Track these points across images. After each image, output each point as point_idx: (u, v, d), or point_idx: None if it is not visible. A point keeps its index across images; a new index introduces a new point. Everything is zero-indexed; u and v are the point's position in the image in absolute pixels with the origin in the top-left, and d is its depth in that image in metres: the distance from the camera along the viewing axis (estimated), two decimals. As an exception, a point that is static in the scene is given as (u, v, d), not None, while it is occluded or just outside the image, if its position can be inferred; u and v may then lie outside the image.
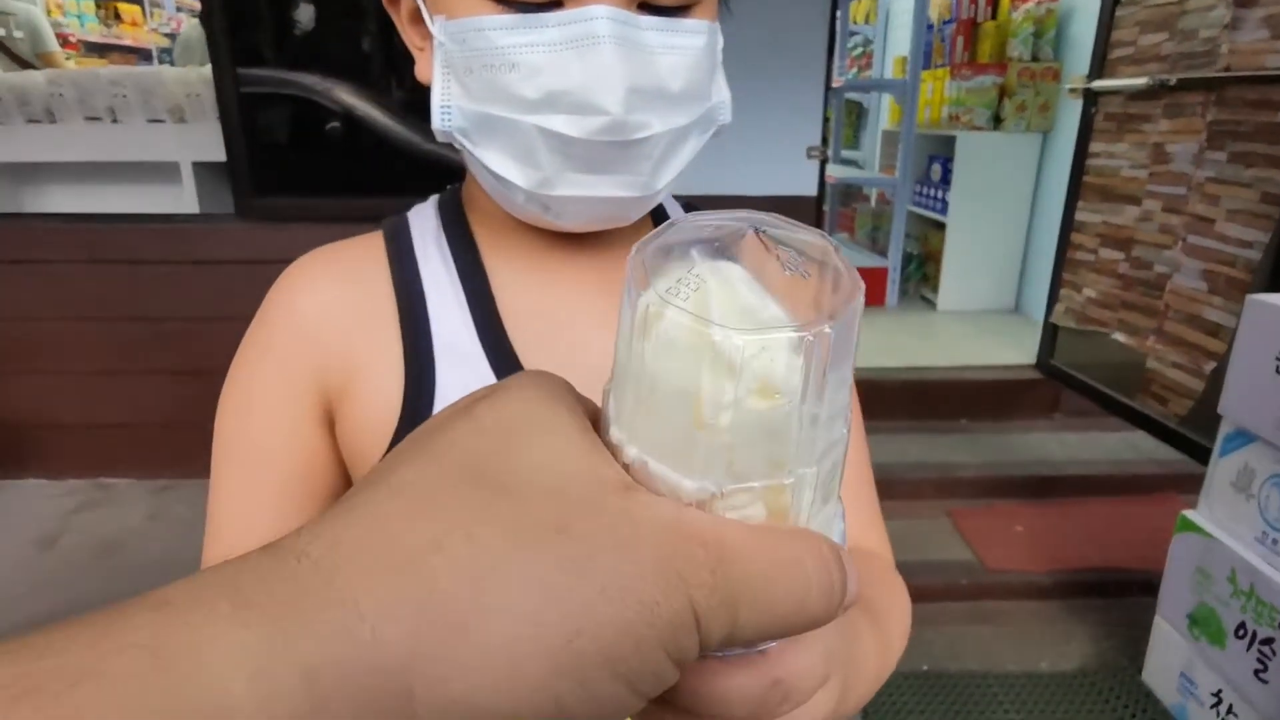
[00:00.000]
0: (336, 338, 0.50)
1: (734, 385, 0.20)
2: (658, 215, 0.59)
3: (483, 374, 0.49)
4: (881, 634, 0.43)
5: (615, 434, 0.22)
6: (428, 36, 0.47)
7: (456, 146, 0.49)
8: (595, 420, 0.24)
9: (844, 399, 0.22)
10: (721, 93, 0.52)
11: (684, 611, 0.19)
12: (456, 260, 0.53)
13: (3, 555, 2.30)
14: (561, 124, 0.43)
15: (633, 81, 0.43)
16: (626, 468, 0.22)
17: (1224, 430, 1.55)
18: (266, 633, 0.16)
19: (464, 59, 0.45)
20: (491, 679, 0.17)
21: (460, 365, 0.50)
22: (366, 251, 0.54)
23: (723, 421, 0.20)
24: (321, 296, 0.51)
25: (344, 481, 0.53)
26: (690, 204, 0.62)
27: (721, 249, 0.22)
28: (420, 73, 0.49)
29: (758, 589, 0.20)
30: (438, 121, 0.47)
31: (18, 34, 3.07)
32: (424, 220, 0.56)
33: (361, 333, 0.51)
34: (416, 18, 0.49)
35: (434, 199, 0.58)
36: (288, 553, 0.18)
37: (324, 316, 0.51)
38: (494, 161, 0.47)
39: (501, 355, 0.50)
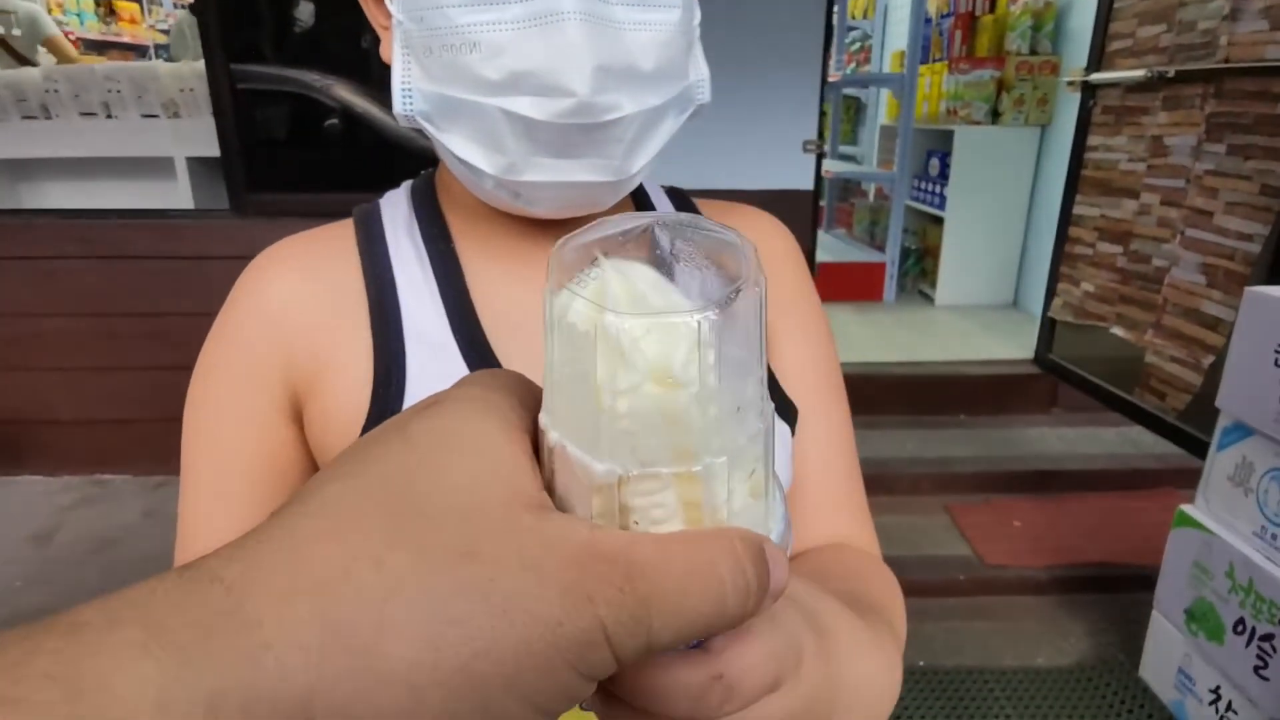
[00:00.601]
0: (303, 329, 0.49)
1: (627, 371, 0.20)
2: (640, 200, 0.58)
3: (454, 364, 0.48)
4: (883, 631, 0.41)
5: (543, 419, 0.23)
6: (391, 15, 0.46)
7: (420, 130, 0.47)
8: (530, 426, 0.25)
9: (751, 392, 0.23)
10: (700, 70, 0.49)
11: (591, 629, 0.19)
12: (428, 248, 0.51)
13: (1, 550, 2.30)
14: (526, 106, 0.41)
15: (600, 60, 0.41)
16: (550, 451, 0.23)
17: (1222, 424, 1.54)
18: (173, 661, 0.16)
19: (423, 39, 0.43)
20: (392, 705, 0.18)
21: (432, 356, 0.48)
22: (336, 240, 0.52)
23: (621, 407, 0.21)
24: (288, 287, 0.50)
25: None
26: (676, 190, 0.61)
27: (628, 245, 0.23)
28: (385, 52, 0.48)
29: (670, 599, 0.20)
30: (399, 105, 0.46)
31: (16, 31, 3.06)
32: (395, 207, 0.54)
33: (330, 323, 0.49)
34: None
35: (407, 184, 0.56)
36: (204, 575, 0.19)
37: (290, 307, 0.49)
38: (459, 146, 0.45)
39: (474, 345, 0.49)
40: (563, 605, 0.19)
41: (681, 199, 0.60)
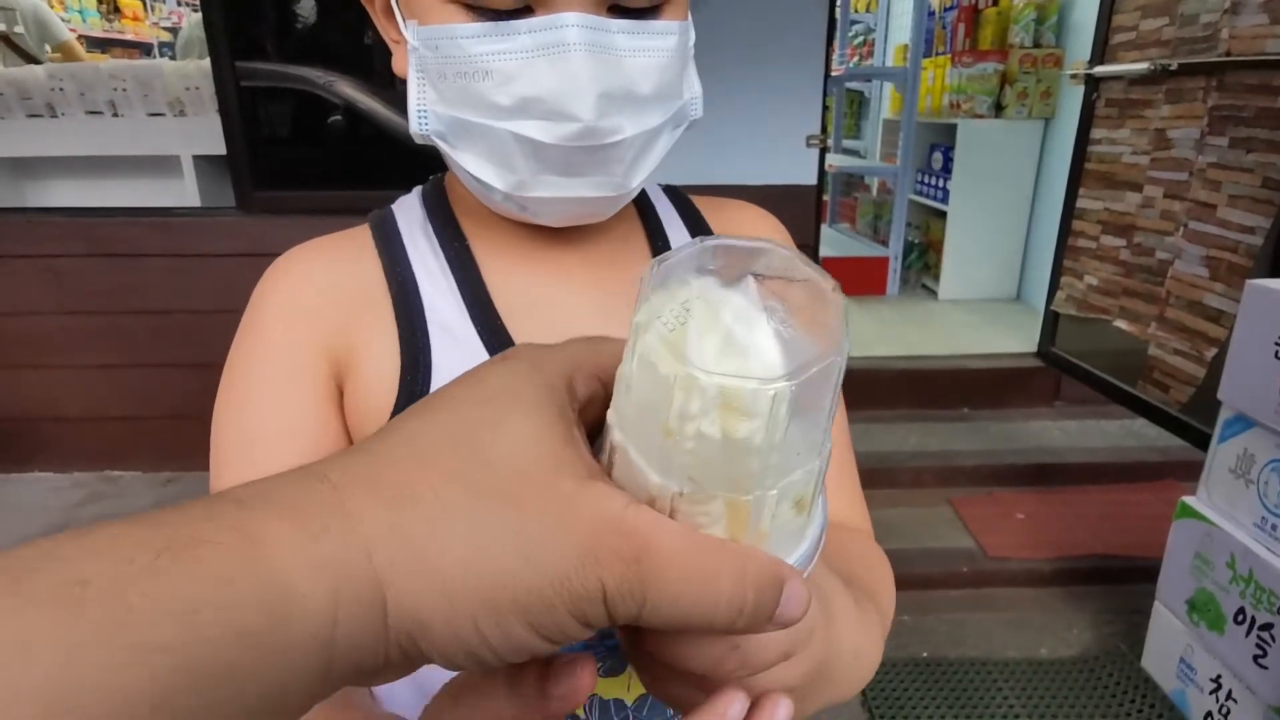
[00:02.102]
0: (335, 318, 0.51)
1: (697, 415, 0.22)
2: (642, 204, 0.60)
3: (478, 354, 0.50)
4: (871, 613, 0.44)
5: (610, 415, 0.25)
6: (403, 32, 0.48)
7: (435, 148, 0.50)
8: (590, 394, 0.27)
9: (816, 437, 0.24)
10: (693, 88, 0.52)
11: (593, 590, 0.22)
12: (444, 247, 0.53)
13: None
14: (535, 130, 0.44)
15: (604, 87, 0.44)
16: (613, 448, 0.25)
17: (1223, 416, 1.55)
18: (308, 532, 0.22)
19: (438, 65, 0.46)
20: (432, 603, 0.22)
21: (455, 347, 0.50)
22: (353, 242, 0.54)
23: (687, 442, 0.22)
24: (316, 281, 0.52)
25: None
26: (673, 189, 0.63)
27: (720, 268, 0.25)
28: (397, 66, 0.50)
29: (667, 590, 0.23)
30: (415, 125, 0.48)
31: (18, 29, 3.08)
32: (409, 211, 0.56)
33: (357, 315, 0.51)
34: (390, 12, 0.49)
35: (416, 190, 0.58)
36: (315, 475, 0.23)
37: (322, 298, 0.51)
38: (471, 164, 0.48)
39: (494, 335, 0.51)
40: (574, 564, 0.22)
41: (678, 197, 0.62)
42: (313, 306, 0.51)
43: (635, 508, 0.23)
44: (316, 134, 2.66)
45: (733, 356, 0.23)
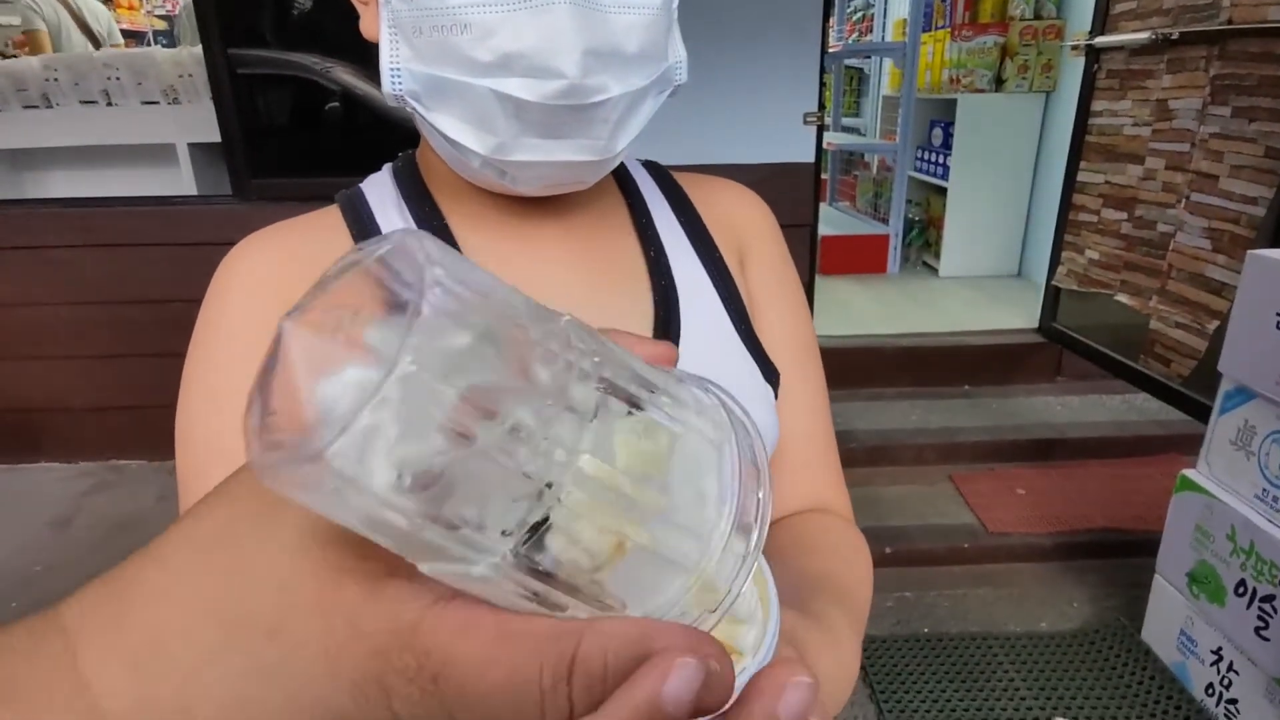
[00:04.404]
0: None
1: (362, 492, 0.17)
2: (622, 177, 0.59)
3: None
4: (842, 626, 0.43)
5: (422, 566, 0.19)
6: None
7: (408, 110, 0.47)
8: None
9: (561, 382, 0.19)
10: (678, 51, 0.50)
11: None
12: (419, 225, 0.52)
13: (18, 536, 2.34)
14: (517, 87, 0.42)
15: (589, 43, 0.42)
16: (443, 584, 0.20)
17: (1224, 388, 1.54)
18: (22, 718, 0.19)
19: (413, 19, 0.44)
20: None
21: None
22: (321, 224, 0.53)
23: (385, 515, 0.17)
24: (277, 260, 0.50)
25: None
26: (654, 164, 0.62)
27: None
28: (365, 29, 0.48)
29: (474, 704, 0.18)
30: (387, 85, 0.46)
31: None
32: (380, 188, 0.55)
33: None
34: None
35: (387, 167, 0.57)
36: (53, 625, 0.20)
37: (285, 277, 0.49)
38: (448, 126, 0.46)
39: None
40: (354, 697, 0.19)
41: (659, 172, 0.61)
42: (275, 285, 0.49)
43: (439, 609, 0.19)
44: (312, 120, 2.64)
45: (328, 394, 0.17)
